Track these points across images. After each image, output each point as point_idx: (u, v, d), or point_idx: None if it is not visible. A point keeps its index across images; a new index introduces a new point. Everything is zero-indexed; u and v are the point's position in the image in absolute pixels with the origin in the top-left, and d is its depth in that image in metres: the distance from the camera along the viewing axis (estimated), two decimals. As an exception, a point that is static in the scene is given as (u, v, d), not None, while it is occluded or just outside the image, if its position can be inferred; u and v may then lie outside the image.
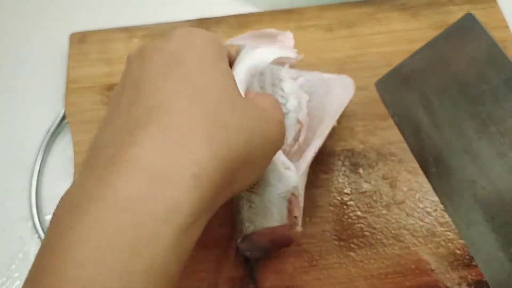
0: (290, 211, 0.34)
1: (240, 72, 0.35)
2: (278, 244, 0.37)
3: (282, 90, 0.40)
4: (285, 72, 0.42)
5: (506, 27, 0.51)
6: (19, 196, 0.45)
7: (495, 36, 0.50)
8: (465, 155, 0.30)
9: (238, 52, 0.38)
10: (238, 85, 0.30)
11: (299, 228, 0.34)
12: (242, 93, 0.33)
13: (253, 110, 0.29)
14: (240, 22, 0.52)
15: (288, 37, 0.42)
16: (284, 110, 0.39)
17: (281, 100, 0.40)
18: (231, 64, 0.36)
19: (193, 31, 0.30)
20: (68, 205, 0.24)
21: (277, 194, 0.34)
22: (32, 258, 0.43)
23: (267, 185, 0.35)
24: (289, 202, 0.34)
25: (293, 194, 0.35)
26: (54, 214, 0.25)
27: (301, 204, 0.35)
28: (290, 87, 0.41)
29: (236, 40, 0.42)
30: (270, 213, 0.34)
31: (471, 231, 0.30)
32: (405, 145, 0.34)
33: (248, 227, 0.34)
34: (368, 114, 0.46)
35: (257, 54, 0.36)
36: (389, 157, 0.44)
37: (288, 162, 0.35)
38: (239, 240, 0.35)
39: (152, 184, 0.23)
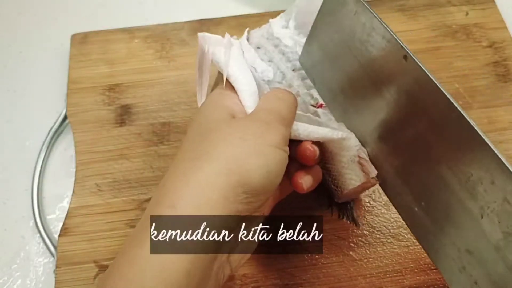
0: (364, 171, 0.35)
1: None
2: (366, 189, 0.40)
3: (286, 46, 0.40)
4: (274, 26, 0.42)
5: (505, 27, 0.51)
6: (21, 196, 0.46)
7: (494, 36, 0.51)
8: None
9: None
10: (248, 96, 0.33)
11: (375, 182, 0.36)
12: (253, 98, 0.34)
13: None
14: (240, 23, 0.52)
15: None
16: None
17: (294, 56, 0.40)
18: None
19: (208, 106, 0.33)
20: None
21: (346, 160, 0.36)
22: (33, 257, 0.44)
23: (334, 156, 0.36)
24: (360, 164, 0.35)
25: (359, 156, 0.35)
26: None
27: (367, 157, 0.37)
28: (289, 36, 0.41)
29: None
30: (349, 177, 0.36)
31: None
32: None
33: (336, 191, 0.38)
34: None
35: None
36: (388, 156, 0.44)
37: (343, 134, 0.35)
38: (335, 199, 0.39)
39: None
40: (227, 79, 0.33)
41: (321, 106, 0.38)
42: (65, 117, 0.48)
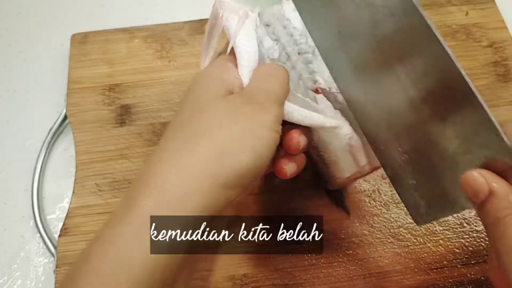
0: (355, 161, 0.35)
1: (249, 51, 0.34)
2: (360, 177, 0.39)
3: (295, 28, 0.40)
4: (286, 7, 0.41)
5: (505, 27, 0.51)
6: (21, 196, 0.46)
7: (494, 36, 0.51)
8: None
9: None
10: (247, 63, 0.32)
11: (367, 170, 0.35)
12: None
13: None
14: (240, 23, 0.52)
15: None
16: (308, 48, 0.39)
17: (302, 39, 0.39)
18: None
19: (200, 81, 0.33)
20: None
21: (338, 149, 0.35)
22: (33, 257, 0.44)
23: (326, 144, 0.36)
24: (351, 153, 0.35)
25: (350, 145, 0.35)
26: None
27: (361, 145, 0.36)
28: (299, 19, 0.40)
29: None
30: (341, 166, 0.36)
31: None
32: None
33: (330, 178, 0.38)
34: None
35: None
36: (388, 156, 0.44)
37: (336, 122, 0.34)
38: (327, 186, 0.40)
39: None
40: (232, 49, 0.33)
41: (320, 91, 0.38)
42: (65, 117, 0.48)
